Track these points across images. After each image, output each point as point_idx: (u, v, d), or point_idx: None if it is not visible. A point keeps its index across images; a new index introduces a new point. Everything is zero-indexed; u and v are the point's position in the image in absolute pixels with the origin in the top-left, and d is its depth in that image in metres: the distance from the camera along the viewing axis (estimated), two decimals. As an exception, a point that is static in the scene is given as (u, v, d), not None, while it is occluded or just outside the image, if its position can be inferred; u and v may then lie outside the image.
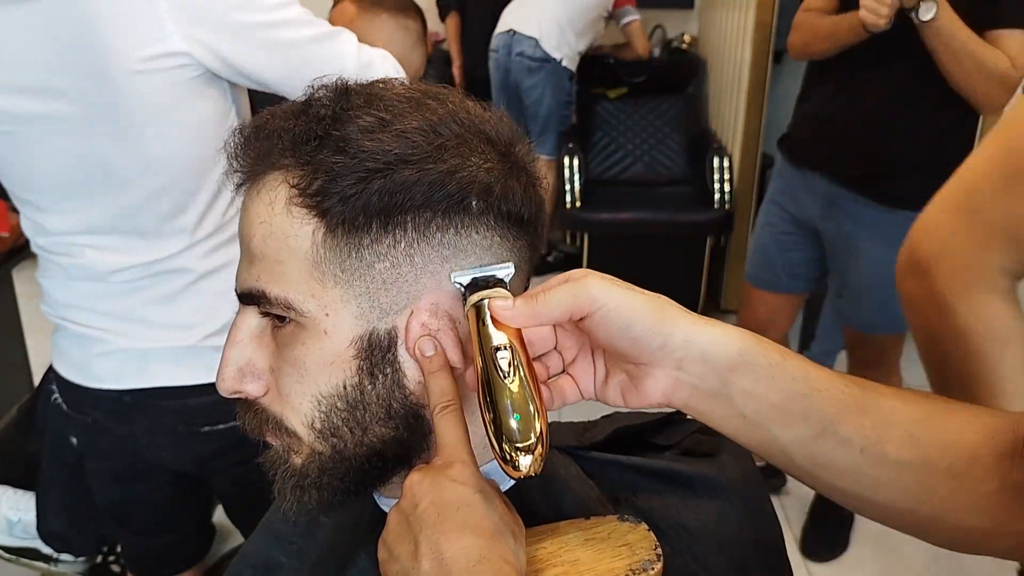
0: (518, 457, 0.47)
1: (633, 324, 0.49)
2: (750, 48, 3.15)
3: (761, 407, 0.50)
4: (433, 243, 0.52)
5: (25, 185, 1.09)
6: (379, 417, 0.55)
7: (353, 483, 0.57)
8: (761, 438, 0.51)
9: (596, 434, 0.67)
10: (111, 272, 1.10)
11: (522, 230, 0.56)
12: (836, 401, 0.50)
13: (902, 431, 0.50)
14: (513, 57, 3.47)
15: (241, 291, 0.55)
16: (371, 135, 0.51)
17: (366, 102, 0.53)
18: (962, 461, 0.50)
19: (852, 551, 2.13)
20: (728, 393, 0.50)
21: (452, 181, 0.51)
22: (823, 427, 0.50)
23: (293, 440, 0.56)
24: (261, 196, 0.54)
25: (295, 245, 0.52)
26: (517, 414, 0.47)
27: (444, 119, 0.53)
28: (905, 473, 0.50)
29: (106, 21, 0.95)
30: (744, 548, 0.60)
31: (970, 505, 0.50)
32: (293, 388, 0.55)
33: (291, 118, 0.54)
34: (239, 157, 0.55)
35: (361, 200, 0.51)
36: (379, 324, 0.53)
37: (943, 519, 0.51)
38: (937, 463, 0.50)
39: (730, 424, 0.51)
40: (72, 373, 1.17)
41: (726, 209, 3.35)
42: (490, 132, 0.55)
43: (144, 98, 0.99)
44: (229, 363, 0.56)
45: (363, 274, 0.52)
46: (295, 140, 0.53)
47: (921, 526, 0.53)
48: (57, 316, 1.17)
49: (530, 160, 0.58)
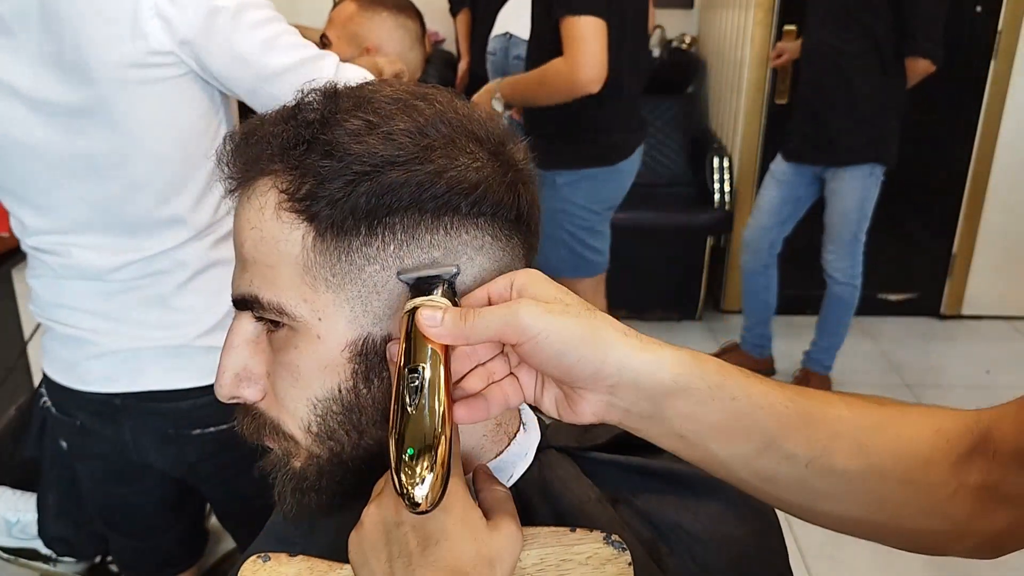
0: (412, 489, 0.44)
1: (565, 353, 0.47)
2: (750, 48, 3.15)
3: (699, 428, 0.48)
4: (423, 244, 0.52)
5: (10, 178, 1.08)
6: (375, 420, 0.55)
7: (352, 485, 0.57)
8: (701, 456, 0.50)
9: (596, 435, 0.67)
10: (111, 270, 1.09)
11: (515, 229, 0.56)
12: (779, 416, 0.49)
13: (850, 441, 0.49)
14: (511, 60, 3.46)
15: (235, 296, 0.55)
16: (358, 138, 0.51)
17: (355, 105, 0.53)
18: (915, 466, 0.49)
19: (852, 551, 2.14)
20: (663, 416, 0.48)
21: (440, 182, 0.51)
22: (766, 444, 0.49)
23: (291, 444, 0.56)
24: (252, 202, 0.54)
25: (286, 250, 0.52)
26: (411, 447, 0.45)
27: (432, 120, 0.53)
28: (855, 483, 0.49)
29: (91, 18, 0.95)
30: (743, 549, 0.60)
31: (927, 509, 0.50)
32: (288, 392, 0.55)
33: (280, 123, 0.54)
34: (230, 163, 0.55)
35: (349, 203, 0.50)
36: (374, 330, 0.53)
37: (899, 525, 0.51)
38: (890, 471, 0.49)
39: (667, 442, 0.50)
40: (61, 376, 1.16)
41: (726, 209, 3.35)
42: (479, 132, 0.55)
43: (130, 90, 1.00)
44: (226, 369, 0.56)
45: (354, 278, 0.52)
46: (284, 145, 0.52)
47: (877, 533, 0.52)
48: (45, 317, 1.16)
49: (522, 159, 0.57)
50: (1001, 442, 0.48)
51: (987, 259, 3.36)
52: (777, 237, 2.79)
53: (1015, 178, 3.23)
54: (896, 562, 2.08)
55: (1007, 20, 3.07)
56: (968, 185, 3.28)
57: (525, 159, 0.57)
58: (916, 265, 3.40)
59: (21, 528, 1.56)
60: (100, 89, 0.99)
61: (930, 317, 3.48)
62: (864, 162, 2.55)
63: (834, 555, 2.13)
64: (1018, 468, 0.48)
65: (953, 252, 3.38)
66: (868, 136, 2.53)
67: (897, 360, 3.14)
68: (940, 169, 3.27)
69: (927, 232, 3.37)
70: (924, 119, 3.11)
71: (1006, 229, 3.30)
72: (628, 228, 3.39)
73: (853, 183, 2.57)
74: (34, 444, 1.44)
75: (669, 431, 0.49)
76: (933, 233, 3.37)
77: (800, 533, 2.19)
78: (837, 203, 2.62)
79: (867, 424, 0.50)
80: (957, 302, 3.44)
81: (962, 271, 3.40)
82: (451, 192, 0.51)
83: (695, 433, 0.49)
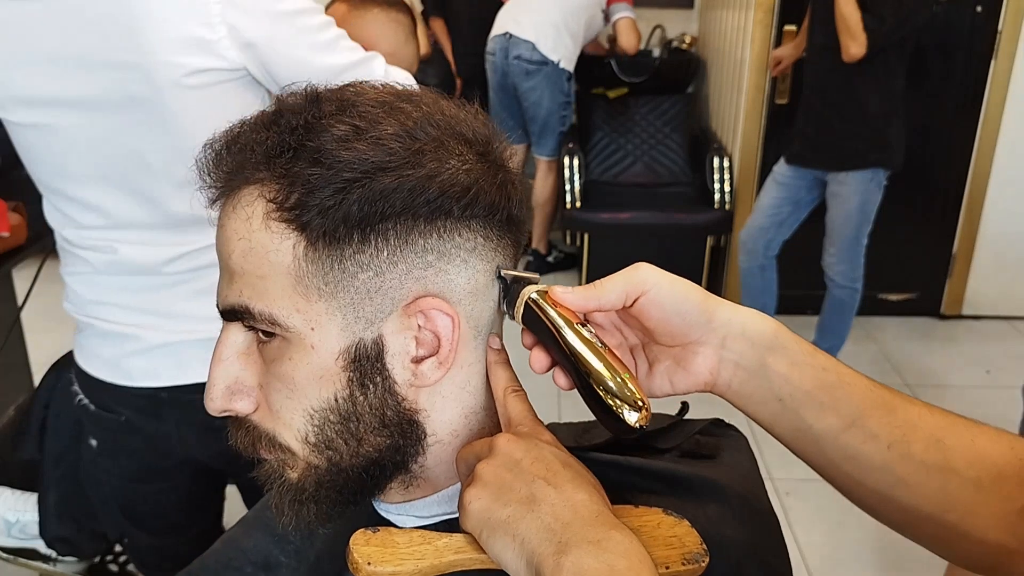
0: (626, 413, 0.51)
1: (683, 302, 0.53)
2: (750, 48, 3.15)
3: (795, 392, 0.52)
4: (416, 249, 0.52)
5: (57, 174, 1.09)
6: (373, 427, 0.54)
7: (351, 494, 0.56)
8: (796, 426, 0.53)
9: (596, 435, 0.67)
10: (159, 264, 1.09)
11: (506, 228, 0.56)
12: (864, 396, 0.52)
13: (927, 434, 0.51)
14: (510, 60, 3.47)
15: (224, 308, 0.54)
16: (346, 144, 0.50)
17: (338, 109, 0.52)
18: (988, 475, 0.50)
19: (852, 552, 2.14)
20: (767, 373, 0.53)
21: (432, 186, 0.51)
22: (852, 420, 0.51)
23: (288, 455, 0.55)
24: (238, 212, 0.52)
25: (276, 260, 0.51)
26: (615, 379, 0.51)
27: (419, 123, 0.52)
28: (931, 475, 0.51)
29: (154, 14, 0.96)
30: (743, 550, 0.60)
31: (995, 520, 0.50)
32: (284, 404, 0.54)
33: (262, 129, 0.53)
34: (212, 172, 0.54)
35: (341, 211, 0.50)
36: (365, 334, 0.52)
37: (966, 532, 0.51)
38: (963, 472, 0.50)
39: (767, 409, 0.54)
40: (104, 372, 1.16)
41: (726, 209, 3.35)
42: (467, 132, 0.54)
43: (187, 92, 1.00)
44: (216, 382, 0.55)
45: (347, 285, 0.51)
46: (268, 153, 0.51)
47: (943, 538, 0.53)
48: (84, 314, 1.16)
49: (508, 157, 0.57)
50: None
51: (987, 259, 3.35)
52: (774, 239, 2.78)
53: (1015, 178, 3.22)
54: (897, 564, 2.08)
55: (1007, 20, 3.07)
56: (968, 185, 3.28)
57: (511, 156, 0.57)
58: (916, 265, 3.40)
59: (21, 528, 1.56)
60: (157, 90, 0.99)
61: (930, 317, 3.48)
62: (868, 167, 2.54)
63: (834, 555, 2.13)
64: None
65: (953, 252, 3.38)
66: (872, 141, 2.52)
67: (897, 360, 3.14)
68: (940, 169, 3.27)
69: (927, 232, 3.37)
70: (924, 119, 3.11)
71: (1006, 229, 3.30)
72: (628, 228, 3.40)
73: (855, 187, 2.56)
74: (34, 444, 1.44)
75: (769, 393, 0.53)
76: (933, 233, 3.37)
77: (800, 533, 2.19)
78: (839, 206, 2.61)
79: (944, 424, 0.52)
80: (957, 302, 3.44)
81: (962, 271, 3.39)
82: (444, 196, 0.51)
83: (791, 397, 0.52)
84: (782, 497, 2.32)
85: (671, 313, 0.53)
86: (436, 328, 0.54)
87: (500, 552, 0.47)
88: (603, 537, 0.45)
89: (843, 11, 2.33)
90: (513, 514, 0.47)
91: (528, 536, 0.46)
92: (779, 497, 2.31)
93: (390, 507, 0.61)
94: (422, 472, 0.58)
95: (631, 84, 3.71)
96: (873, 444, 0.51)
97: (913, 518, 0.53)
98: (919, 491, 0.51)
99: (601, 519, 0.47)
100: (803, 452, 0.54)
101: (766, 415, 0.54)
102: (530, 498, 0.47)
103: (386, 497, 0.61)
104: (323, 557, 0.65)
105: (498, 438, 0.52)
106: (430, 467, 0.58)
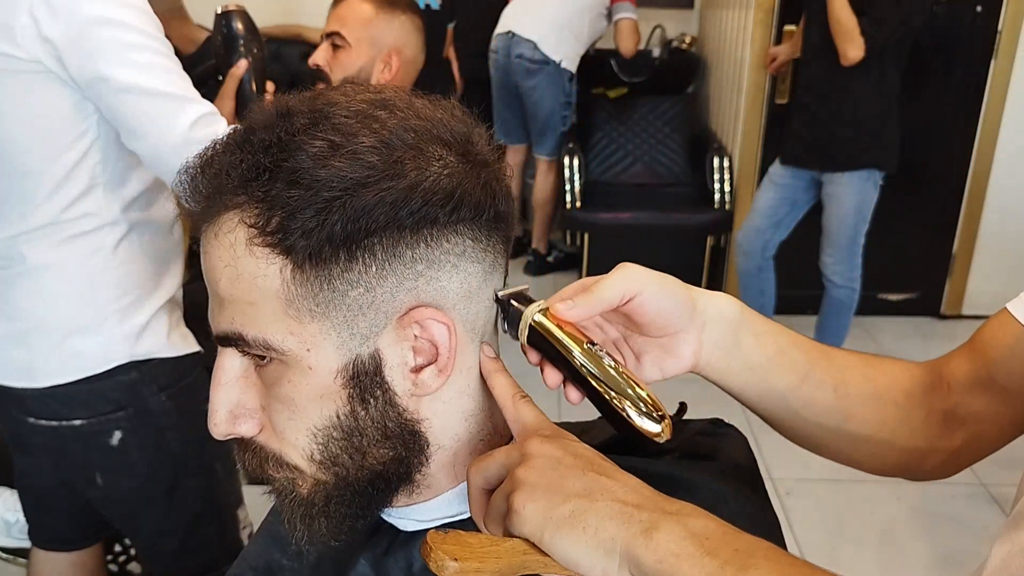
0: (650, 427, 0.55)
1: (672, 298, 0.58)
2: (750, 48, 3.15)
3: (761, 359, 0.61)
4: (405, 260, 0.51)
5: None
6: (376, 440, 0.54)
7: (360, 507, 0.56)
8: (762, 388, 0.62)
9: (594, 436, 0.67)
10: None
11: (494, 226, 0.55)
12: (807, 352, 0.63)
13: (857, 373, 0.63)
14: (513, 59, 3.47)
15: (218, 334, 0.54)
16: (323, 161, 0.48)
17: (311, 122, 0.50)
18: (902, 394, 0.63)
19: (852, 551, 2.14)
20: (740, 347, 0.60)
21: (414, 196, 0.50)
22: (804, 374, 0.62)
23: (296, 473, 0.55)
24: (220, 239, 0.51)
25: (264, 285, 0.50)
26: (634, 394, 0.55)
27: (396, 131, 0.51)
28: (866, 404, 0.63)
29: None
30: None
31: (912, 429, 0.63)
32: (287, 425, 0.54)
33: (236, 150, 0.51)
34: (190, 198, 0.52)
35: (324, 231, 0.48)
36: (361, 350, 0.52)
37: (893, 442, 0.63)
38: (886, 395, 0.63)
39: (739, 379, 0.61)
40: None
41: (726, 209, 3.35)
42: (444, 135, 0.53)
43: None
44: (219, 407, 0.54)
45: (338, 303, 0.51)
46: (244, 176, 0.50)
47: (878, 454, 0.64)
48: None
49: (490, 151, 0.56)
50: (953, 377, 0.62)
51: (987, 259, 3.35)
52: (771, 240, 2.77)
53: (1015, 178, 3.22)
54: (897, 561, 2.09)
55: (1007, 20, 3.07)
56: (968, 185, 3.28)
57: (492, 151, 0.56)
58: (916, 265, 3.40)
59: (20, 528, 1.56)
60: None
61: (930, 317, 3.48)
62: (863, 167, 2.54)
63: (834, 555, 2.13)
64: (968, 395, 0.61)
65: (953, 252, 3.38)
66: (868, 141, 2.52)
67: (897, 360, 3.14)
68: (940, 169, 3.27)
69: (927, 232, 3.37)
70: (924, 119, 3.11)
71: (1006, 229, 3.29)
72: (628, 228, 3.40)
73: (851, 187, 2.56)
74: None
75: (742, 364, 0.61)
76: (933, 233, 3.37)
77: (800, 533, 2.19)
78: (835, 207, 2.61)
79: (863, 362, 0.64)
80: (957, 302, 3.44)
81: (962, 271, 3.39)
82: (427, 205, 0.50)
83: (760, 364, 0.61)
84: (782, 497, 2.32)
85: (663, 309, 0.58)
86: (433, 337, 0.53)
87: (568, 548, 0.46)
88: (678, 509, 0.46)
89: (838, 15, 2.32)
90: (576, 508, 0.46)
91: (601, 525, 0.45)
92: (779, 497, 2.31)
93: (391, 510, 0.61)
94: (425, 480, 0.58)
95: (631, 84, 3.71)
96: (823, 390, 0.62)
97: (857, 442, 0.64)
98: (860, 419, 0.63)
99: (661, 495, 0.48)
100: (766, 409, 0.63)
101: (737, 383, 0.62)
102: (588, 490, 0.47)
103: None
104: (324, 559, 0.65)
105: (528, 443, 0.50)
106: (432, 473, 0.58)
